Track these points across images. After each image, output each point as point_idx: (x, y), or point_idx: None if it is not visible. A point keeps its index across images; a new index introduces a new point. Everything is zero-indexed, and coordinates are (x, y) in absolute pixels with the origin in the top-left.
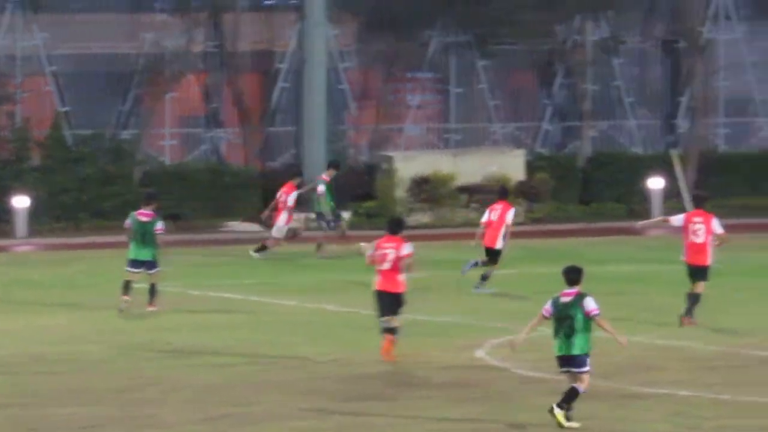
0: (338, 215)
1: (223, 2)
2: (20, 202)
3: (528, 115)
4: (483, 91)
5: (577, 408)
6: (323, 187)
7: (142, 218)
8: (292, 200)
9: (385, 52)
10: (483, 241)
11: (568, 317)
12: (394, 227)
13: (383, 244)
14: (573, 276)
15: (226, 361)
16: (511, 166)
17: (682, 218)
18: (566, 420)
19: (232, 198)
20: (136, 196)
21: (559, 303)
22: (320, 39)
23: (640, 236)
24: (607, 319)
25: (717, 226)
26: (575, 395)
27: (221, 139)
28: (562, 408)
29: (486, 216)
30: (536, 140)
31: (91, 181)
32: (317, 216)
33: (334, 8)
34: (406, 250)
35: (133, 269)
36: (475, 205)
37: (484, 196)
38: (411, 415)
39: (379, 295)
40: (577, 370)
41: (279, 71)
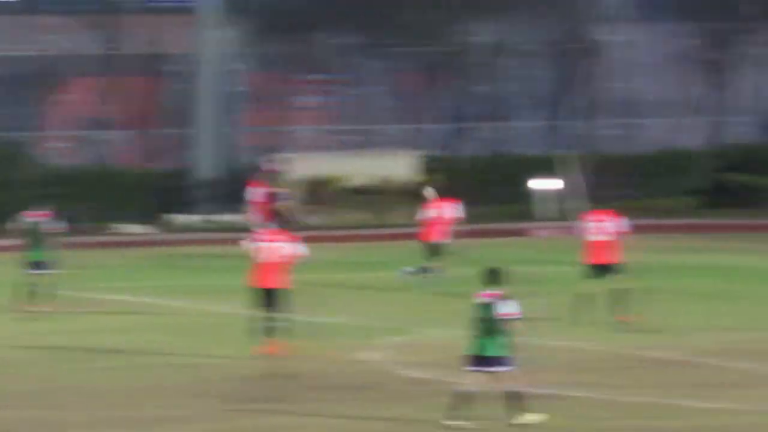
0: None
1: (116, 5)
2: None
3: (419, 116)
4: (376, 92)
5: (465, 408)
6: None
7: (34, 219)
8: (258, 196)
9: (280, 54)
10: (427, 238)
11: (485, 318)
12: (279, 222)
13: (268, 239)
14: (492, 277)
15: (117, 363)
16: (404, 167)
17: (586, 222)
18: (528, 416)
19: (122, 200)
20: (26, 199)
21: (478, 303)
22: (214, 41)
23: (531, 237)
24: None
25: (621, 225)
26: (517, 396)
27: (112, 141)
28: (518, 413)
29: (428, 213)
30: (429, 142)
31: None
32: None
33: (228, 11)
34: (292, 248)
35: (31, 271)
36: (368, 206)
37: (377, 197)
38: (307, 414)
39: (259, 292)
40: (489, 369)
41: (172, 74)
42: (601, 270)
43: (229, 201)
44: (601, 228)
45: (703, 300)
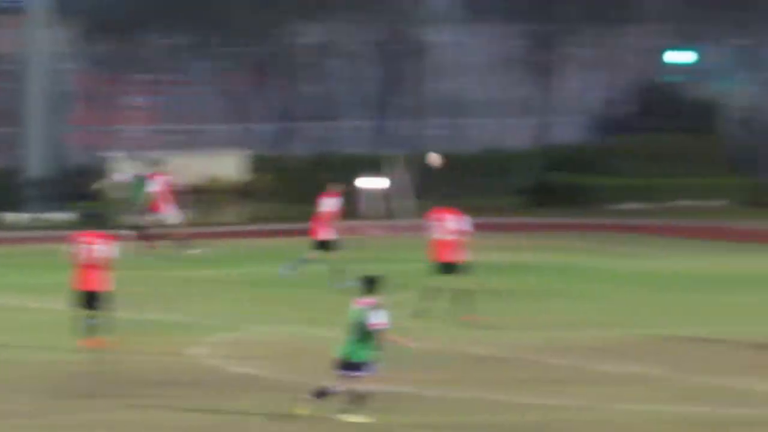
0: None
1: None
2: None
3: (247, 116)
4: (205, 92)
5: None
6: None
7: None
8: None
9: (109, 54)
10: (319, 234)
11: (356, 324)
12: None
13: (85, 241)
14: (369, 285)
15: None
16: (231, 166)
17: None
18: (355, 416)
19: None
20: None
21: (353, 309)
22: (43, 41)
23: (359, 236)
24: (392, 331)
25: (463, 223)
26: (358, 396)
27: None
28: (352, 411)
29: (323, 208)
30: (258, 141)
31: None
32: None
33: (58, 10)
34: (106, 248)
35: None
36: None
37: (204, 196)
38: (129, 407)
39: (80, 294)
40: (351, 374)
41: (1, 73)
42: (445, 268)
43: (58, 199)
44: (444, 227)
45: (533, 298)
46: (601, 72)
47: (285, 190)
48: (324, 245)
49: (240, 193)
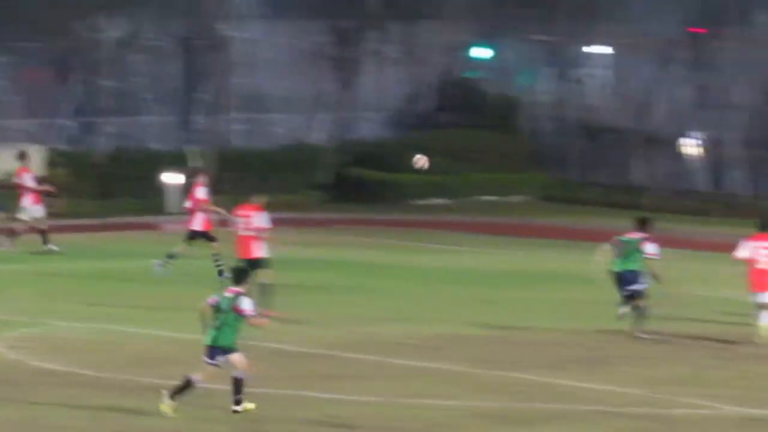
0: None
1: None
2: None
3: (46, 111)
4: (2, 87)
5: (93, 403)
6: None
7: None
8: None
9: None
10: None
11: (223, 311)
12: None
13: None
14: (238, 275)
15: None
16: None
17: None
18: (239, 405)
19: None
20: None
21: (221, 297)
22: None
23: (162, 231)
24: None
25: (263, 220)
26: (240, 383)
27: None
28: (239, 403)
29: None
30: (57, 137)
31: None
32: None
33: None
34: None
35: None
36: None
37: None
38: None
39: None
40: (218, 359)
41: None
42: (249, 264)
43: None
44: (246, 223)
45: (334, 293)
46: (403, 68)
47: (83, 185)
48: (192, 235)
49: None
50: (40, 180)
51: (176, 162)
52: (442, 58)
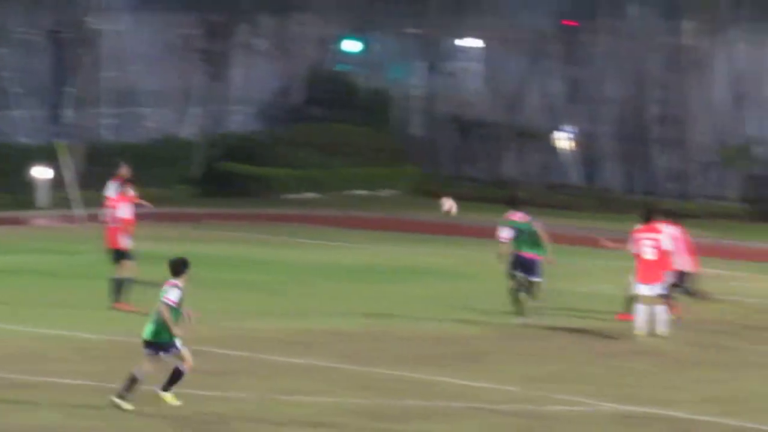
0: None
1: None
2: None
3: None
4: None
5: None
6: None
7: None
8: None
9: None
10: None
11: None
12: None
13: None
14: (174, 267)
15: None
16: None
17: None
18: (173, 399)
19: None
20: None
21: (162, 290)
22: None
23: (32, 226)
24: (167, 310)
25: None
26: (180, 375)
27: None
28: (167, 390)
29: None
30: None
31: None
32: None
33: None
34: None
35: None
36: None
37: None
38: None
39: None
40: (158, 352)
41: None
42: (114, 255)
43: None
44: (115, 214)
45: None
46: (274, 61)
47: None
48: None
49: None
50: None
51: (46, 156)
52: (312, 51)
